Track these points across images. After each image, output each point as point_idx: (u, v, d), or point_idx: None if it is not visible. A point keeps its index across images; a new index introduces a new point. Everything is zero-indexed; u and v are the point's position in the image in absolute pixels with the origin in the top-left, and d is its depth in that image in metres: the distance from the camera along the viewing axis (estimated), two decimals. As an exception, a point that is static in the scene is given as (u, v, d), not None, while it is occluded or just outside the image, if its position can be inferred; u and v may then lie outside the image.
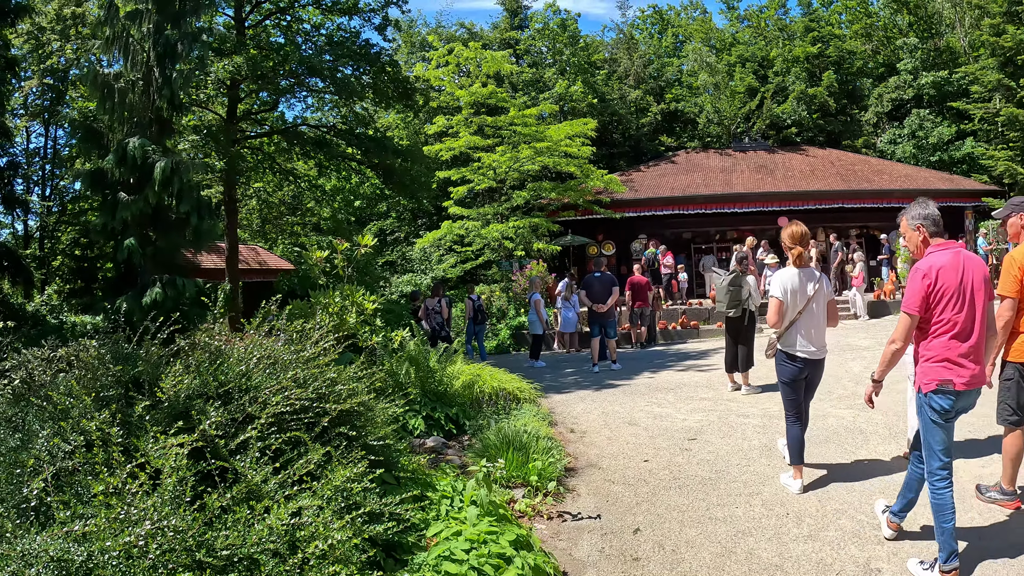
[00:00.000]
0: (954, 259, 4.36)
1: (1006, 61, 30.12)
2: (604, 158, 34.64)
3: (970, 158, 32.90)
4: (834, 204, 26.48)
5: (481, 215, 24.15)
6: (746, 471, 6.51)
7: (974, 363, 4.31)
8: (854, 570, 4.53)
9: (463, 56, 25.40)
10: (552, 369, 14.23)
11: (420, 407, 7.33)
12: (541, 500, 5.73)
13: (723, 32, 44.87)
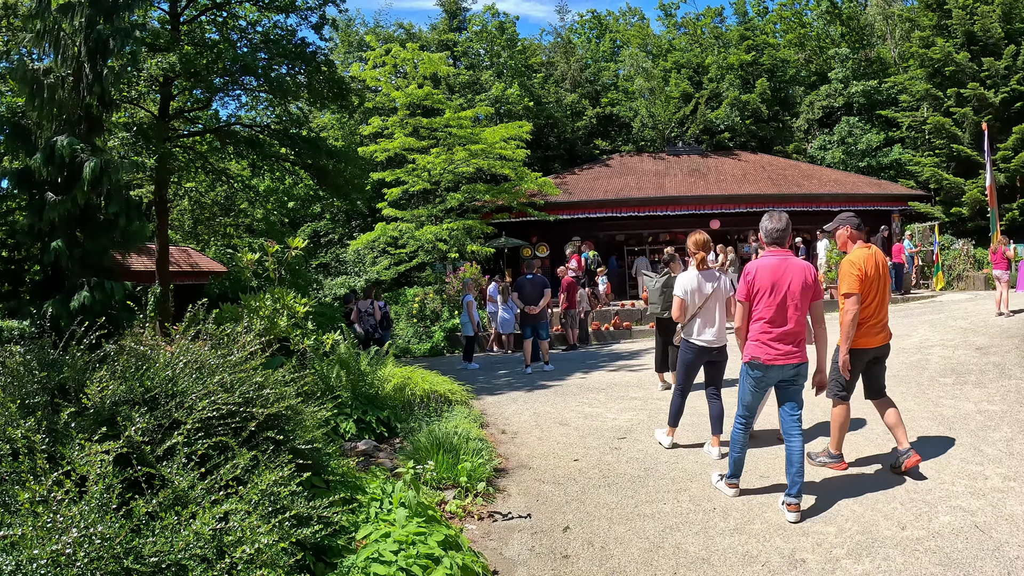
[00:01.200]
0: (778, 264, 5.53)
1: (934, 72, 31.34)
2: (539, 161, 34.82)
3: (897, 164, 34.06)
4: (765, 207, 26.77)
5: (415, 217, 24.07)
6: (674, 468, 6.68)
7: (783, 345, 5.46)
8: (779, 561, 4.70)
9: (400, 57, 25.23)
10: (485, 371, 14.30)
11: (351, 410, 7.32)
12: (472, 501, 5.79)
13: (660, 38, 45.48)
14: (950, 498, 5.56)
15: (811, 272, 5.57)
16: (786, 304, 5.44)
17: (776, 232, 5.67)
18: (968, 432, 7.24)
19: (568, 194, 27.54)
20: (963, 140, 29.65)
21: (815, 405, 7.32)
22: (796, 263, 5.56)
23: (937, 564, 4.54)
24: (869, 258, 6.13)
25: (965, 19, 29.91)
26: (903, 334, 13.53)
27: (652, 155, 33.89)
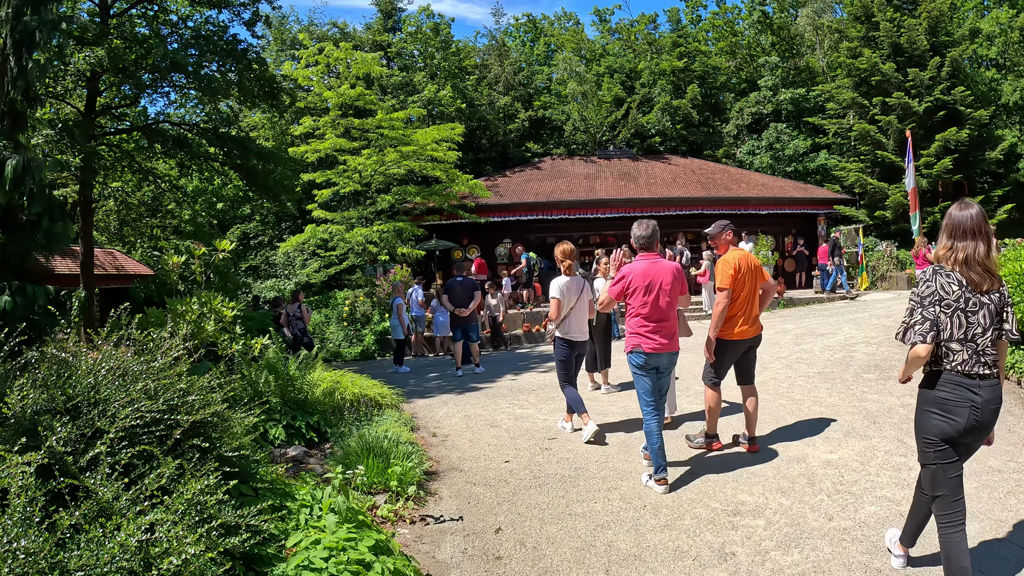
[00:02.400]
0: (648, 267, 6.34)
1: (860, 81, 32.52)
2: (471, 163, 34.87)
3: (823, 169, 35.14)
4: (694, 210, 27.56)
5: (346, 219, 23.83)
6: (605, 467, 6.78)
7: (660, 337, 6.22)
8: (709, 555, 4.81)
9: (334, 56, 24.89)
10: (416, 374, 14.28)
11: (281, 416, 7.22)
12: (403, 505, 5.79)
13: (594, 43, 46.02)
14: (875, 489, 5.79)
15: (679, 272, 6.45)
16: (659, 301, 6.26)
17: (644, 239, 6.53)
18: (892, 425, 7.54)
19: (499, 196, 27.59)
20: (887, 146, 30.77)
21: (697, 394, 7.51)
22: (665, 264, 6.41)
23: (864, 552, 4.71)
24: (742, 259, 6.91)
25: (892, 31, 31.07)
26: (828, 332, 13.97)
27: (583, 158, 34.13)
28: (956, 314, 3.90)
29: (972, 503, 5.28)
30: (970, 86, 32.46)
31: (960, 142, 29.58)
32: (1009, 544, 4.73)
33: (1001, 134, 33.51)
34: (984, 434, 4.02)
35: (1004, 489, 5.66)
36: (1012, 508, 5.29)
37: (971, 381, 3.87)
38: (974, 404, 3.84)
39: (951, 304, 3.91)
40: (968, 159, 30.87)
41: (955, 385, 3.90)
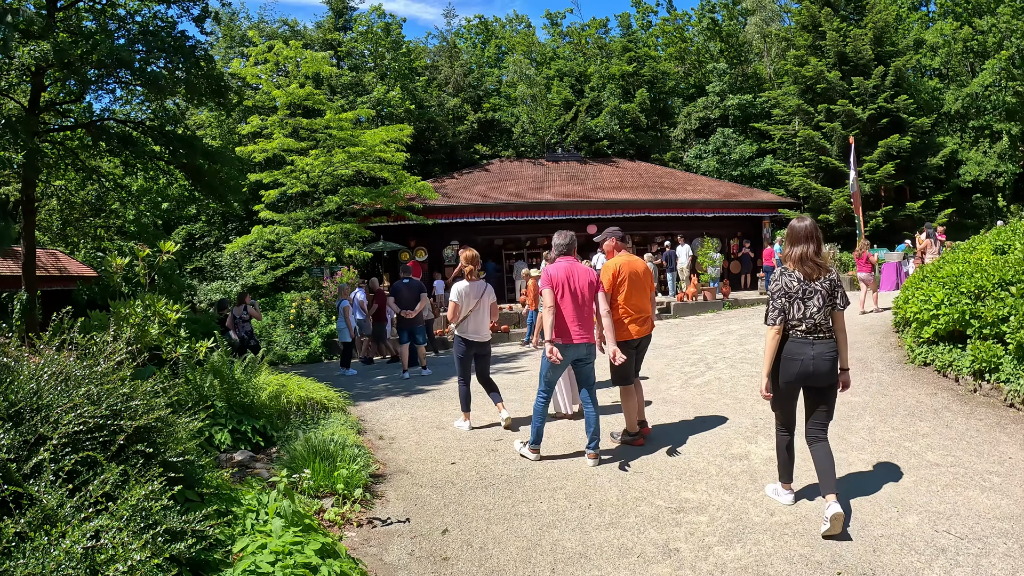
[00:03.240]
0: (567, 269, 6.99)
1: (806, 89, 33.24)
2: (419, 164, 34.76)
3: (769, 173, 35.80)
4: (641, 213, 27.90)
5: (293, 220, 23.55)
6: (550, 468, 6.87)
7: (578, 330, 6.88)
8: (654, 551, 4.91)
9: (283, 55, 24.52)
10: (363, 377, 14.27)
11: (226, 420, 7.14)
12: (350, 508, 5.79)
13: (545, 46, 46.20)
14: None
15: (593, 274, 7.15)
16: (579, 300, 6.94)
17: (562, 246, 7.23)
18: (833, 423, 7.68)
19: (447, 198, 27.57)
20: (831, 152, 31.46)
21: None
22: (581, 267, 7.11)
23: (805, 546, 4.86)
24: (625, 265, 7.43)
25: (838, 40, 31.82)
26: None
27: (532, 161, 34.30)
28: (796, 302, 5.34)
29: (911, 496, 5.55)
30: (913, 95, 33.54)
31: (902, 148, 30.36)
32: (947, 535, 4.91)
33: (942, 141, 34.65)
34: (821, 378, 5.36)
35: (942, 483, 5.88)
36: (949, 500, 5.49)
37: (807, 340, 5.31)
38: (807, 356, 5.27)
39: (792, 296, 5.35)
40: (910, 165, 31.71)
41: (796, 343, 5.34)
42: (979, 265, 10.19)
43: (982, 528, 4.98)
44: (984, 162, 35.48)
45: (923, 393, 8.85)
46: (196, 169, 18.20)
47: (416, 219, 25.33)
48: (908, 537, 4.91)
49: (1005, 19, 36.79)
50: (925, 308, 10.02)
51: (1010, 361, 8.23)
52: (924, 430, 7.39)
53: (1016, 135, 36.26)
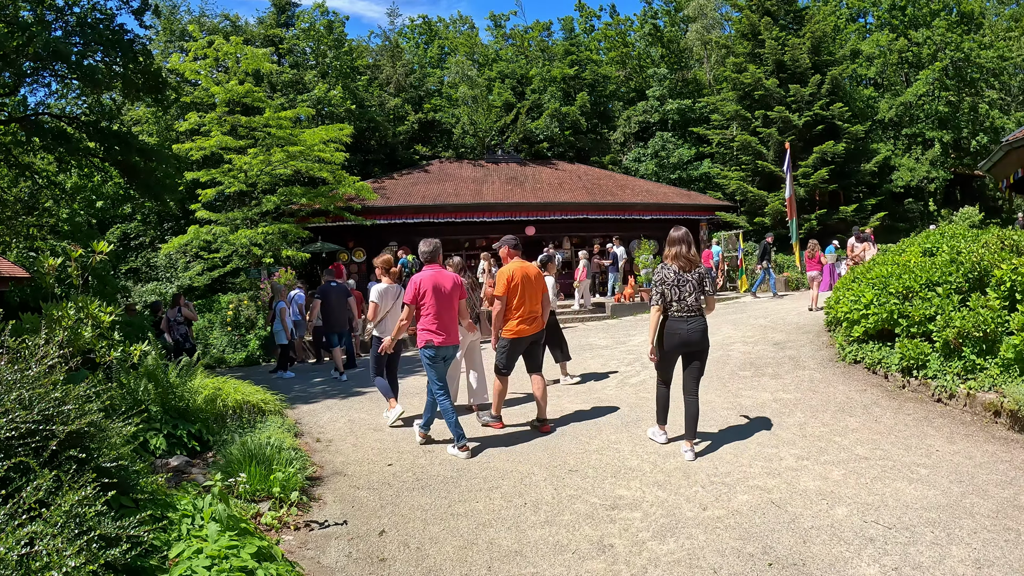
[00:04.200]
0: (434, 275, 7.67)
1: (744, 95, 33.95)
2: (359, 164, 34.50)
3: (706, 177, 36.45)
4: (579, 215, 28.10)
5: (230, 220, 23.04)
6: (486, 468, 6.94)
7: (445, 332, 7.59)
8: (588, 547, 4.98)
9: (223, 50, 23.91)
10: (301, 379, 14.16)
11: (161, 425, 7.02)
12: (287, 511, 5.77)
13: (488, 48, 46.27)
14: (748, 479, 6.13)
15: (459, 280, 7.89)
16: (445, 304, 7.63)
17: (428, 254, 7.85)
18: (765, 419, 7.96)
19: (386, 199, 27.32)
20: (768, 157, 32.15)
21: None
22: (447, 274, 7.83)
23: (737, 539, 4.98)
24: (518, 270, 8.14)
25: (777, 49, 32.55)
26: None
27: (471, 162, 34.26)
28: (673, 288, 6.85)
29: (841, 489, 5.73)
30: (848, 103, 34.54)
31: (837, 154, 31.20)
32: (875, 525, 5.08)
33: (876, 147, 35.79)
34: (693, 345, 6.89)
35: (871, 475, 6.08)
36: (878, 492, 5.68)
37: (682, 318, 6.86)
38: (683, 332, 6.83)
39: (670, 284, 6.86)
40: (844, 170, 32.57)
41: (673, 321, 6.88)
42: (907, 267, 10.58)
43: (910, 518, 5.17)
44: (916, 168, 36.68)
45: (853, 390, 9.17)
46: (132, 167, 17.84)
47: (355, 220, 25.05)
48: (838, 528, 5.06)
49: (940, 32, 38.34)
50: (855, 308, 10.37)
51: (937, 358, 8.60)
52: (854, 425, 7.64)
53: (948, 143, 37.67)
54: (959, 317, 8.32)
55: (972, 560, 4.50)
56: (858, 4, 46.47)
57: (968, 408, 7.83)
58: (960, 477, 5.96)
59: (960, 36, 38.76)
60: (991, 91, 39.95)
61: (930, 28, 39.61)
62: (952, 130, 38.25)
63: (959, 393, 8.00)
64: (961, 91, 38.74)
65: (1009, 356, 7.56)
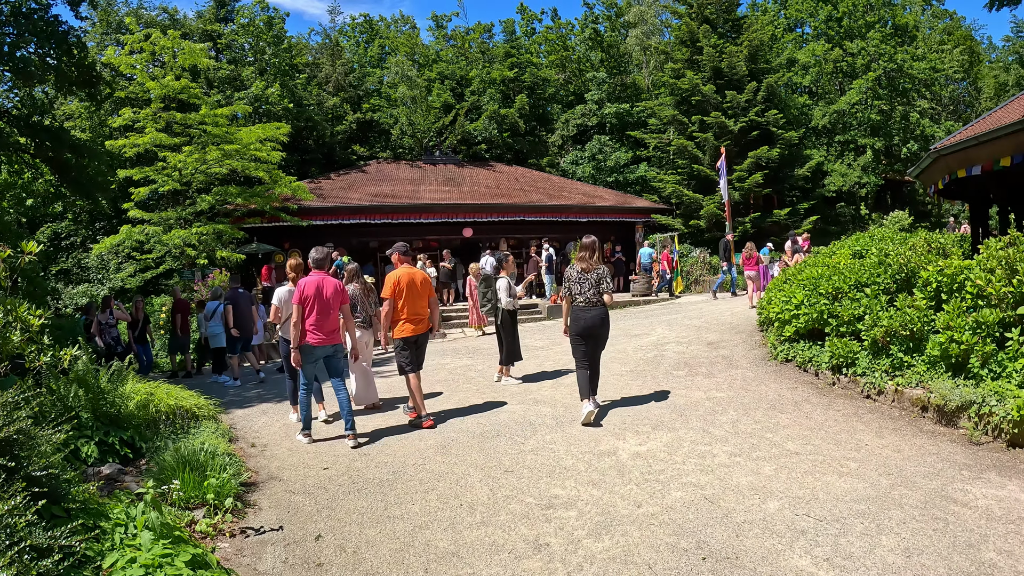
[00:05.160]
0: (318, 280, 8.24)
1: (682, 100, 34.54)
2: (296, 164, 34.06)
3: (643, 180, 36.89)
4: (516, 217, 28.12)
5: (164, 220, 22.59)
6: (422, 470, 6.95)
7: (324, 333, 8.19)
8: (524, 547, 5.02)
9: (160, 44, 23.38)
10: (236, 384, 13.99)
11: (93, 432, 6.85)
12: (222, 518, 5.71)
13: (428, 48, 46.12)
14: (682, 476, 6.25)
15: (340, 285, 8.49)
16: (325, 307, 8.20)
17: (316, 260, 8.49)
18: (698, 417, 8.18)
19: (322, 199, 26.97)
20: (703, 161, 32.71)
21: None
22: (330, 280, 8.38)
23: (671, 534, 5.07)
24: (404, 275, 8.92)
25: (714, 56, 33.16)
26: (642, 333, 14.76)
27: (409, 163, 34.08)
28: (576, 283, 8.54)
29: (772, 484, 5.88)
30: (783, 109, 35.38)
31: (771, 159, 31.90)
32: (806, 518, 5.22)
33: (810, 153, 36.82)
34: (594, 330, 8.50)
35: (801, 470, 6.25)
36: (809, 486, 5.85)
37: (584, 308, 8.48)
38: (583, 319, 8.46)
39: (575, 280, 8.56)
40: (778, 175, 33.33)
41: (577, 310, 8.53)
42: (837, 268, 10.90)
43: (840, 510, 5.33)
44: (848, 173, 37.89)
45: (785, 387, 9.42)
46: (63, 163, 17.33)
47: (291, 220, 24.64)
48: (770, 521, 5.19)
49: (874, 43, 39.66)
50: (787, 308, 10.67)
51: (865, 356, 8.94)
52: (785, 422, 7.84)
53: (879, 149, 38.91)
54: (887, 317, 8.64)
55: (902, 549, 4.66)
56: (796, 14, 47.67)
57: (896, 404, 8.10)
58: (889, 470, 6.16)
59: (894, 48, 40.15)
60: (922, 101, 41.42)
61: (865, 39, 40.90)
62: (884, 137, 39.52)
63: (887, 389, 8.29)
64: (893, 100, 40.04)
65: (935, 354, 7.87)
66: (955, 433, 7.10)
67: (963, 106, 50.11)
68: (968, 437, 6.90)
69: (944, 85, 46.72)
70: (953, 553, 4.58)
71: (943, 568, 4.40)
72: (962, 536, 4.81)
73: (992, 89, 48.95)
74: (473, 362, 13.71)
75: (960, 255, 9.81)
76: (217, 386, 13.60)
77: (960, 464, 6.24)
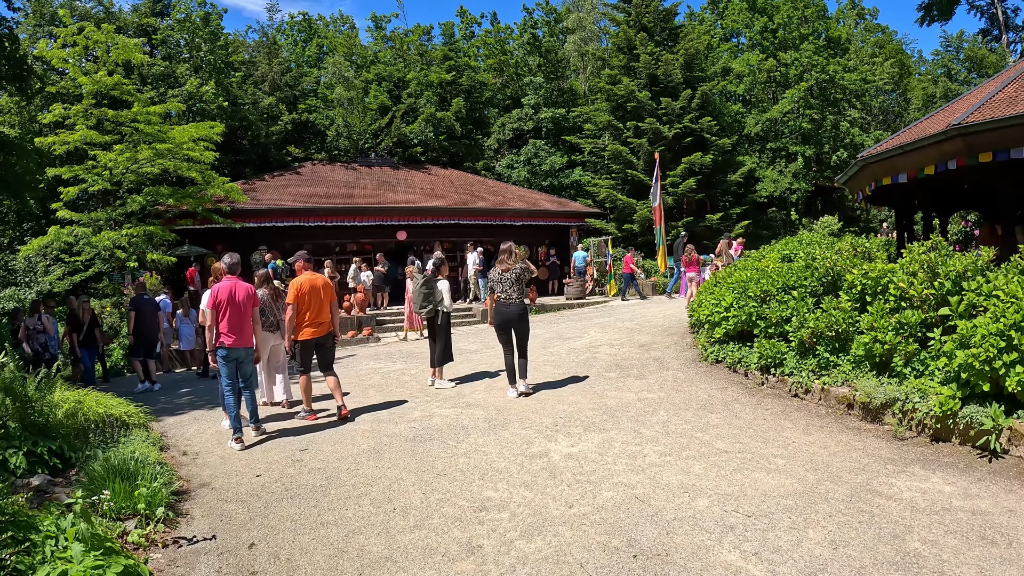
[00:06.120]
0: (232, 285, 8.53)
1: (617, 106, 35.05)
2: (230, 165, 33.50)
3: (578, 184, 37.32)
4: (451, 220, 28.14)
5: (93, 221, 21.93)
6: (355, 475, 6.93)
7: (238, 335, 8.46)
8: (458, 549, 5.05)
9: (94, 38, 22.64)
10: (167, 390, 13.81)
11: (21, 442, 6.66)
12: (154, 528, 5.62)
13: (367, 49, 45.81)
14: (613, 476, 6.35)
15: (251, 290, 8.81)
16: (238, 311, 8.50)
17: (230, 265, 8.76)
18: (629, 418, 8.33)
19: (256, 201, 26.36)
20: (637, 166, 33.20)
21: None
22: (243, 284, 8.70)
23: (603, 533, 5.15)
24: (307, 281, 9.41)
25: (651, 63, 33.72)
26: (575, 336, 14.93)
27: (344, 165, 33.83)
28: (498, 283, 9.95)
29: (702, 482, 6.02)
30: (717, 117, 36.21)
31: (704, 165, 32.54)
32: (735, 514, 5.35)
33: (742, 160, 37.73)
34: (514, 323, 9.89)
35: (731, 467, 6.41)
36: (737, 483, 6.00)
37: (505, 303, 9.87)
38: (504, 312, 9.88)
39: (497, 279, 9.95)
40: (711, 180, 34.04)
41: (500, 305, 9.93)
42: (765, 272, 11.18)
43: (768, 506, 5.48)
44: (779, 180, 38.91)
45: (715, 388, 9.65)
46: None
47: (223, 222, 24.03)
48: (699, 518, 5.31)
49: (807, 55, 40.91)
50: (716, 311, 10.95)
51: (793, 356, 9.22)
52: (715, 421, 8.03)
53: (810, 156, 40.08)
54: (813, 318, 8.92)
55: (828, 541, 4.82)
56: (732, 25, 48.75)
57: (823, 402, 8.38)
58: (816, 466, 6.35)
59: (826, 59, 41.46)
60: (853, 110, 42.85)
61: (799, 51, 42.11)
62: (814, 145, 40.69)
63: (814, 388, 8.57)
64: (824, 110, 41.29)
65: (860, 353, 8.18)
66: (880, 429, 7.36)
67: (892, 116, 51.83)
68: (892, 433, 7.15)
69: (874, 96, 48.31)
70: (879, 544, 4.74)
71: (869, 559, 4.55)
72: (887, 527, 4.99)
73: (920, 100, 50.71)
74: (407, 366, 13.70)
75: (885, 259, 10.20)
76: (148, 393, 13.40)
77: (885, 459, 6.47)
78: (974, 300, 7.34)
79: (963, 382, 6.73)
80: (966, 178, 11.02)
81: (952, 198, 14.22)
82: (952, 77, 54.81)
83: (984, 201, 13.94)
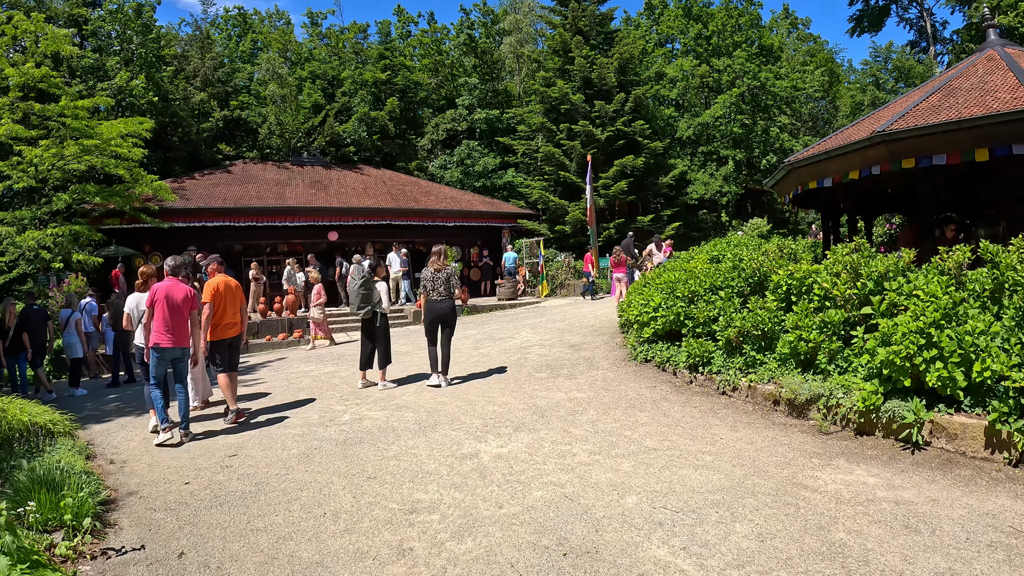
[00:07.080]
0: (171, 286, 8.81)
1: (551, 108, 35.29)
2: (159, 162, 32.88)
3: (510, 186, 37.53)
4: (383, 220, 28.03)
5: (17, 219, 21.14)
6: (285, 480, 6.88)
7: (173, 336, 8.70)
8: (388, 552, 5.05)
9: (22, 27, 21.83)
10: (93, 397, 13.50)
11: (-60, 454, 6.55)
12: (82, 540, 5.49)
13: (302, 46, 45.47)
14: (542, 475, 6.41)
15: (191, 292, 8.99)
16: (175, 311, 8.74)
17: (172, 267, 9.03)
18: (559, 418, 8.42)
19: (186, 200, 25.69)
20: (570, 168, 33.45)
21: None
22: (181, 286, 8.94)
23: (533, 532, 5.20)
24: (221, 283, 9.81)
25: (585, 67, 34.04)
26: (507, 336, 15.04)
27: (276, 164, 33.37)
28: (430, 282, 10.72)
29: (631, 479, 6.12)
30: (650, 120, 36.74)
31: (636, 168, 32.89)
32: (664, 510, 5.44)
33: (674, 163, 38.41)
34: (444, 318, 10.77)
35: (659, 464, 6.52)
36: (666, 480, 6.10)
37: (437, 300, 10.75)
38: (436, 309, 10.77)
39: (430, 279, 10.74)
40: (643, 183, 34.42)
41: (431, 302, 10.77)
42: (693, 273, 11.41)
43: (696, 501, 5.58)
44: (710, 183, 39.74)
45: (644, 387, 9.81)
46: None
47: (152, 222, 23.41)
48: (628, 515, 5.39)
49: (740, 62, 41.94)
50: (645, 311, 11.15)
51: (720, 355, 9.44)
52: (644, 419, 8.16)
53: (740, 160, 41.00)
54: (740, 318, 9.14)
55: (756, 534, 4.94)
56: (667, 31, 49.58)
57: (750, 399, 8.58)
58: (743, 461, 6.50)
59: (758, 67, 42.54)
60: (783, 116, 43.94)
61: (732, 58, 43.08)
62: (745, 149, 41.63)
63: (741, 386, 8.76)
64: (756, 115, 42.30)
65: (785, 351, 8.41)
66: (805, 424, 7.56)
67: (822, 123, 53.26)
68: (818, 427, 7.37)
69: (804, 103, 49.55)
70: (805, 535, 4.88)
71: (795, 550, 4.68)
72: (813, 519, 5.13)
73: (849, 108, 52.22)
74: (337, 368, 13.65)
75: (810, 260, 10.49)
76: (73, 400, 13.08)
77: (810, 453, 6.66)
78: (895, 299, 7.59)
79: (885, 378, 6.95)
80: (890, 182, 11.39)
81: (877, 201, 14.69)
82: (880, 86, 56.55)
83: (907, 204, 14.42)
